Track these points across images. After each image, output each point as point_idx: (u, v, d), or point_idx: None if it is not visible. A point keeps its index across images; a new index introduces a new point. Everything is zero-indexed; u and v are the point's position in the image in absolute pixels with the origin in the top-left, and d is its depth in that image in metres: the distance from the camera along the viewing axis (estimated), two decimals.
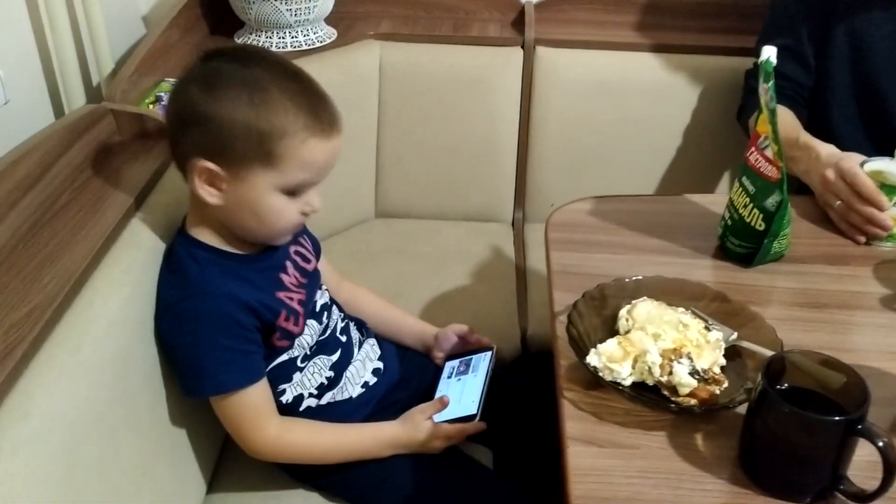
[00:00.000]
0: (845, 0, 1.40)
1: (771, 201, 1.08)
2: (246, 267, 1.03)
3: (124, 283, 0.97)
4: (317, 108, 0.96)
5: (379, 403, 1.19)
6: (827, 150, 1.26)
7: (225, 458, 1.21)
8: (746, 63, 1.58)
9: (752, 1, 1.74)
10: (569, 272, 1.11)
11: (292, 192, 0.98)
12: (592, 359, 0.90)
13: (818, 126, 1.48)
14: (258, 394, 1.03)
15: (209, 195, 0.97)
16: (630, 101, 1.76)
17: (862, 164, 1.19)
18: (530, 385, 1.32)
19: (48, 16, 1.31)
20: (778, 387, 0.80)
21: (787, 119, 1.40)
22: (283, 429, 1.06)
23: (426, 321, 1.49)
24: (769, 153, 1.08)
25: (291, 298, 1.06)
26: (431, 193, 1.84)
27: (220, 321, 0.98)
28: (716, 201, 1.28)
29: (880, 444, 0.72)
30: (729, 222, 1.15)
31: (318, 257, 1.19)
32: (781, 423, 0.76)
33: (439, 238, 1.77)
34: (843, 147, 1.26)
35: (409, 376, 1.25)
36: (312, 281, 1.13)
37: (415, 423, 1.12)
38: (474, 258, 1.71)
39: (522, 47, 1.73)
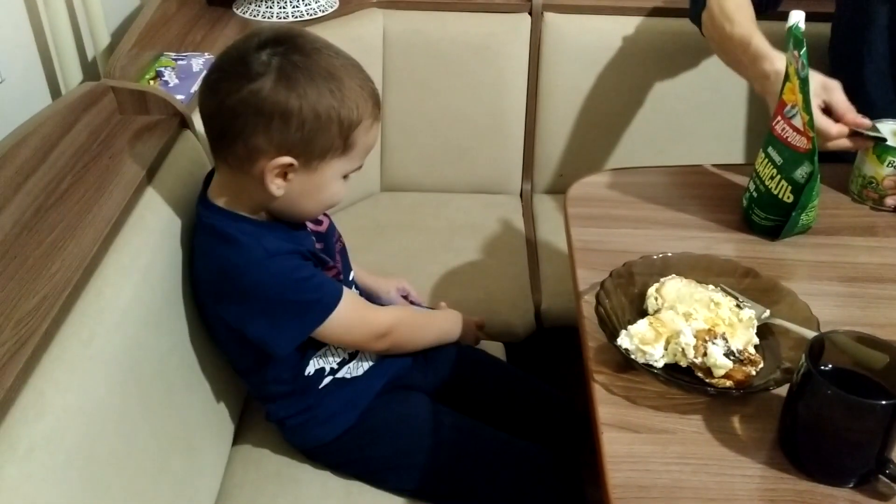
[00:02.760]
0: None
1: (800, 172, 1.05)
2: (285, 234, 1.02)
3: (134, 269, 0.94)
4: (375, 92, 0.97)
5: (392, 382, 1.16)
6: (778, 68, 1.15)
7: (240, 443, 1.18)
8: (763, 26, 1.52)
9: None
10: (591, 249, 1.08)
11: (347, 175, 0.99)
12: (624, 340, 0.87)
13: (850, 82, 1.43)
14: (353, 293, 1.08)
15: (277, 188, 0.95)
16: (642, 68, 1.71)
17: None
18: (541, 378, 1.30)
19: None
20: (821, 368, 0.77)
21: (746, 11, 1.30)
22: (388, 308, 1.19)
23: (438, 297, 1.48)
24: (797, 123, 1.04)
25: (328, 260, 1.07)
26: (438, 165, 1.80)
27: (293, 262, 0.98)
28: (736, 171, 1.25)
29: None
30: (754, 194, 1.12)
31: None
32: (826, 407, 0.74)
33: (447, 211, 1.73)
34: (874, 107, 1.22)
35: (426, 361, 1.22)
36: (329, 245, 1.11)
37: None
38: (483, 231, 1.67)
39: (530, 13, 1.68)
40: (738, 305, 0.93)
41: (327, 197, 0.99)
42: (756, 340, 0.90)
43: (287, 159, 0.92)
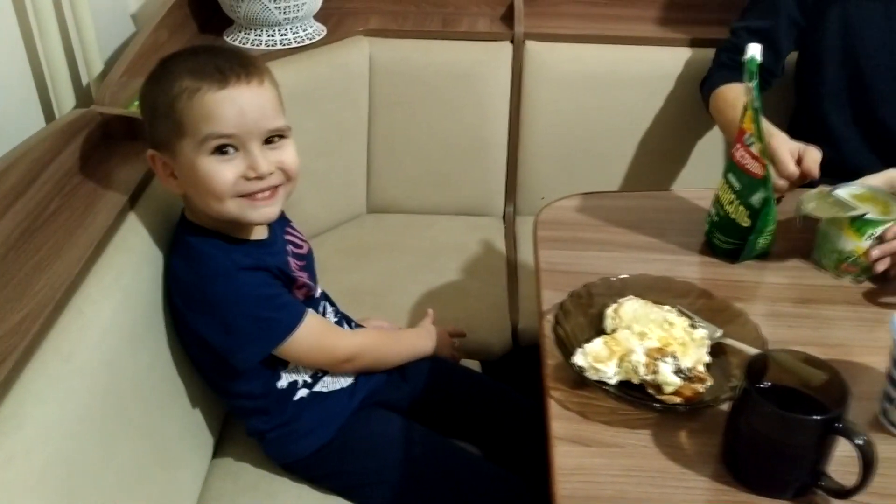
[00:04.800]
0: None
1: (756, 198, 1.09)
2: (256, 251, 1.06)
3: (116, 289, 0.98)
4: (205, 65, 0.98)
5: (368, 399, 1.20)
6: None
7: (221, 456, 1.22)
8: None
9: None
10: (557, 270, 1.13)
11: (218, 151, 0.98)
12: (578, 358, 0.91)
13: (811, 116, 1.49)
14: (317, 316, 1.12)
15: (171, 186, 1.03)
16: (620, 95, 1.76)
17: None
18: (516, 391, 1.33)
19: (35, 17, 1.31)
20: (760, 385, 0.82)
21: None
22: (354, 334, 1.22)
23: (417, 317, 1.51)
24: (755, 150, 1.09)
25: (301, 277, 1.11)
26: (423, 188, 1.85)
27: (260, 278, 1.03)
28: (703, 196, 1.29)
29: (858, 442, 0.74)
30: (715, 218, 1.16)
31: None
32: (762, 422, 0.78)
33: (431, 232, 1.78)
34: (835, 138, 1.27)
35: (403, 377, 1.26)
36: (309, 264, 1.17)
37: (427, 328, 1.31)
38: (466, 252, 1.72)
39: (512, 42, 1.74)
40: (692, 325, 0.97)
41: (200, 178, 0.98)
42: (707, 359, 0.94)
43: (151, 151, 1.02)
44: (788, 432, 0.77)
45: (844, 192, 1.12)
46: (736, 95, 1.45)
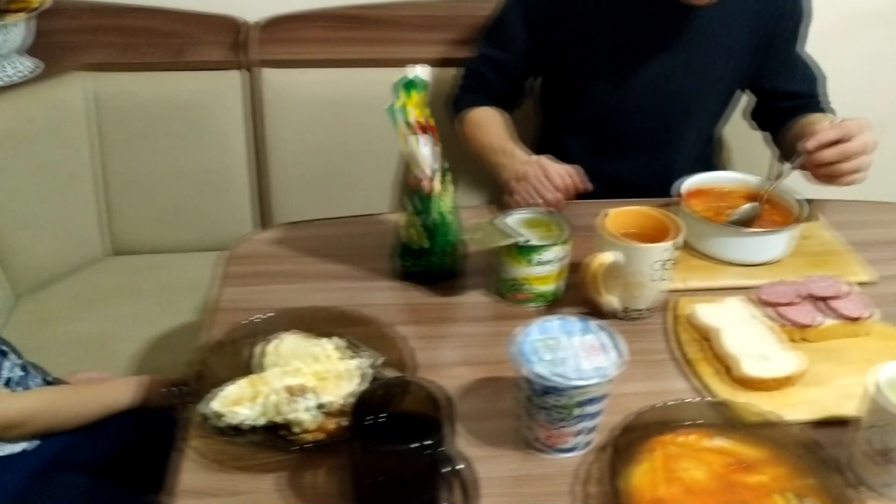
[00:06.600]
0: (578, 21, 1.43)
1: (431, 218, 1.09)
2: None
3: None
4: None
5: (54, 460, 1.12)
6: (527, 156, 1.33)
7: None
8: None
9: (483, 13, 1.75)
10: (238, 308, 1.08)
11: None
12: (215, 403, 0.86)
13: (552, 143, 1.54)
14: None
15: None
16: (365, 117, 1.73)
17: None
18: None
19: None
20: (378, 417, 0.79)
21: (497, 123, 1.47)
22: (23, 396, 1.12)
23: (148, 362, 1.44)
24: (426, 171, 1.08)
25: None
26: (170, 225, 1.77)
27: None
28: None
29: (451, 469, 0.72)
30: (402, 241, 1.15)
31: None
32: (362, 455, 0.75)
33: (174, 272, 1.70)
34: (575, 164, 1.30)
35: (94, 434, 1.18)
36: None
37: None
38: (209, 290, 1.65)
39: (248, 70, 1.69)
40: (352, 356, 0.95)
41: None
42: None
43: None
44: (388, 462, 0.75)
45: (511, 219, 1.11)
46: (489, 117, 1.48)
